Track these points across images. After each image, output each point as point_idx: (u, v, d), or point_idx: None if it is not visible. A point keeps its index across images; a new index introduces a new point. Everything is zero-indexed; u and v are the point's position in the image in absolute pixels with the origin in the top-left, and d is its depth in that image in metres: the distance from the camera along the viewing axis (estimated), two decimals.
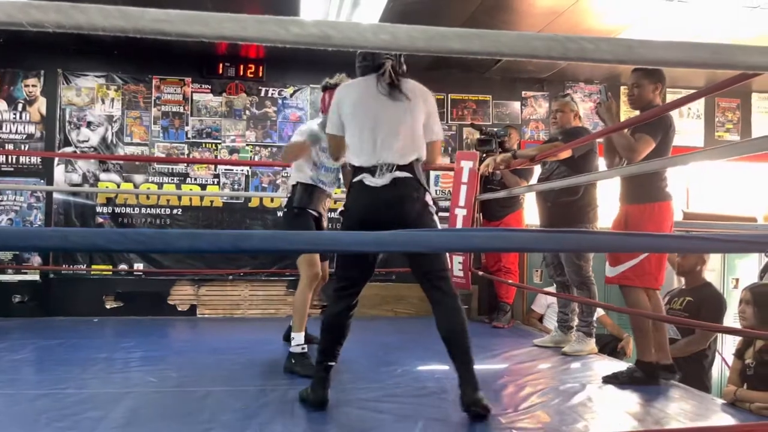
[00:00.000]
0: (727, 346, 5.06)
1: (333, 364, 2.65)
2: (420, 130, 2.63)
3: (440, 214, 2.76)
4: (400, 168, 2.54)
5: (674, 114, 5.35)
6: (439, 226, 2.67)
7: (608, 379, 3.05)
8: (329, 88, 3.32)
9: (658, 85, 3.05)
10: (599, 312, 4.82)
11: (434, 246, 0.94)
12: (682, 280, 4.12)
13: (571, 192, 3.75)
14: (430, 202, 2.63)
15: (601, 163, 3.88)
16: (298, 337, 3.20)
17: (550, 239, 0.94)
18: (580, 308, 3.86)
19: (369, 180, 2.56)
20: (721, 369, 5.48)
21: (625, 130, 2.98)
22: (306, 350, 3.20)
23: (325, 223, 3.64)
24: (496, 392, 2.90)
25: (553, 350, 3.87)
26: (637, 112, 3.20)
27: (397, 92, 2.65)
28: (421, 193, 2.57)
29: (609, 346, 4.78)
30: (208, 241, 0.84)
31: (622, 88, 6.18)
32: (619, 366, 3.31)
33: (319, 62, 5.76)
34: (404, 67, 2.84)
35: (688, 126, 6.38)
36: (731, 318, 4.63)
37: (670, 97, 5.65)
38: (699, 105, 6.49)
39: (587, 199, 3.79)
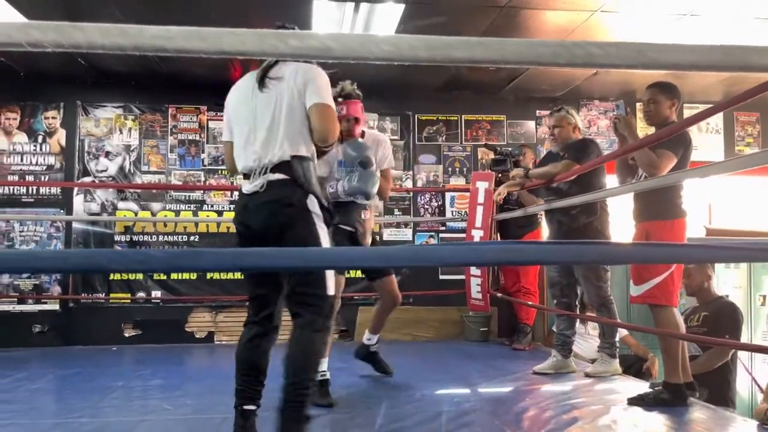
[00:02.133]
0: (756, 362, 4.91)
1: (251, 408, 2.24)
2: (297, 120, 2.20)
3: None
4: (274, 168, 2.17)
5: (693, 129, 5.29)
6: (324, 238, 2.20)
7: (634, 401, 2.96)
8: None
9: (675, 101, 3.02)
10: (622, 332, 4.72)
11: (443, 260, 0.91)
12: (694, 299, 4.06)
13: (589, 212, 3.67)
14: (316, 209, 2.19)
15: (610, 181, 3.82)
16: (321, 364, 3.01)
17: (565, 251, 0.90)
18: (601, 329, 3.77)
19: (244, 186, 2.25)
20: (751, 389, 5.32)
21: (660, 150, 2.94)
22: (327, 378, 3.04)
23: (368, 238, 3.34)
24: (518, 415, 2.82)
25: (576, 373, 3.76)
26: (653, 129, 3.16)
27: (266, 80, 2.23)
28: (298, 196, 2.16)
29: (634, 367, 4.66)
30: (208, 260, 0.82)
31: (638, 104, 6.12)
32: (645, 387, 3.21)
33: (332, 87, 5.82)
34: None
35: (707, 141, 6.30)
36: (759, 335, 4.50)
37: (688, 113, 5.59)
38: (718, 120, 6.40)
39: (604, 217, 3.72)
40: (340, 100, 3.13)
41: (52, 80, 5.51)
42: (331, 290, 2.22)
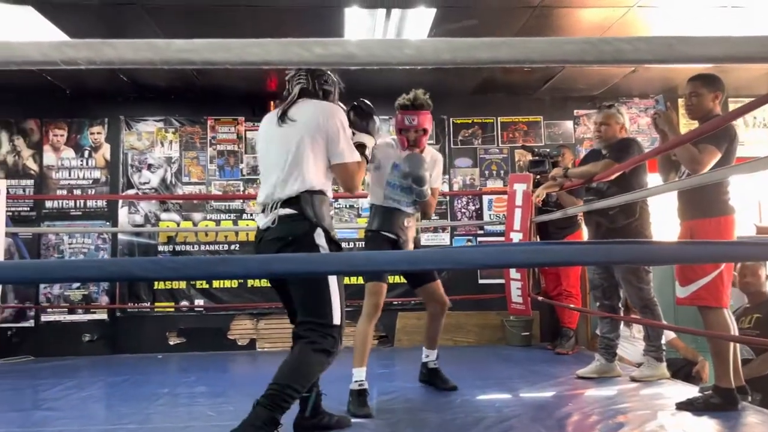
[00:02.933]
0: None
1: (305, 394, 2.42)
2: (311, 156, 2.30)
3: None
4: (285, 203, 2.28)
5: (740, 124, 5.13)
6: (334, 288, 2.29)
7: (683, 406, 2.87)
8: (401, 108, 3.23)
9: (718, 93, 2.92)
10: (669, 335, 4.59)
11: (474, 262, 0.90)
12: (744, 298, 3.90)
13: (628, 213, 3.57)
14: (323, 242, 2.27)
15: (652, 179, 3.71)
16: (356, 373, 3.01)
17: (596, 251, 0.88)
18: (646, 332, 3.67)
19: (259, 221, 2.37)
20: None
21: (702, 145, 2.85)
22: (365, 387, 3.00)
23: (410, 245, 3.27)
24: (560, 421, 2.77)
25: (622, 377, 3.67)
26: (696, 123, 3.07)
27: (285, 118, 2.35)
28: (304, 230, 2.26)
29: (683, 371, 4.53)
30: (238, 266, 0.84)
31: (679, 101, 5.96)
32: (694, 391, 3.11)
33: (366, 92, 5.84)
34: (322, 86, 2.47)
35: (754, 136, 6.09)
36: None
37: (733, 107, 5.42)
38: (765, 113, 6.18)
39: (644, 218, 3.61)
40: (411, 108, 3.19)
41: (97, 97, 5.70)
42: (336, 320, 2.30)
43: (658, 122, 3.02)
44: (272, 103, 5.79)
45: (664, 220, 3.75)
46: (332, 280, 2.30)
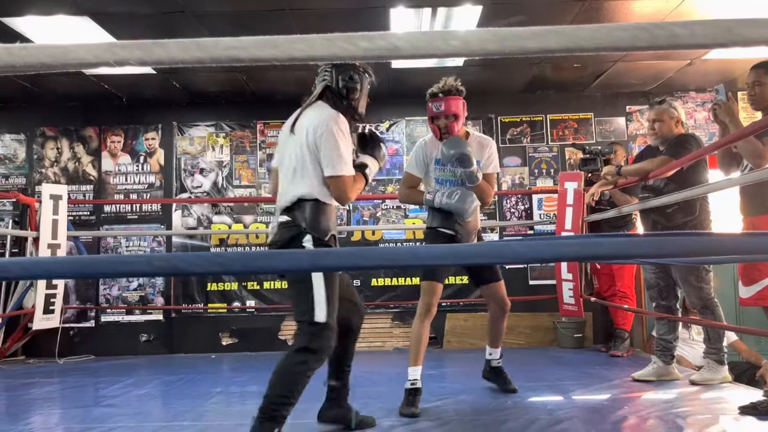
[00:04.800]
0: None
1: (332, 383, 2.72)
2: (310, 167, 2.35)
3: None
4: (284, 211, 2.40)
5: None
6: (318, 286, 2.31)
7: (746, 410, 2.74)
8: (430, 97, 3.22)
9: None
10: (731, 337, 4.40)
11: (518, 256, 0.87)
12: None
13: (687, 211, 3.44)
14: (310, 247, 2.33)
15: (713, 175, 3.55)
16: (411, 372, 3.04)
17: (654, 243, 0.84)
18: (706, 333, 3.53)
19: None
20: None
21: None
22: (417, 387, 3.01)
23: (471, 239, 3.26)
24: (615, 424, 2.69)
25: (681, 380, 3.54)
26: (759, 115, 2.93)
27: (295, 126, 2.43)
28: (292, 236, 2.35)
29: (746, 375, 4.34)
30: (286, 260, 0.84)
31: (739, 93, 5.72)
32: (759, 395, 2.97)
33: (413, 95, 5.84)
34: (346, 83, 2.52)
35: None
36: None
37: None
38: None
39: (703, 216, 3.47)
40: (440, 95, 3.13)
41: (151, 104, 5.89)
42: (320, 317, 2.31)
43: (718, 113, 2.87)
44: None
45: (725, 217, 3.60)
46: (316, 278, 2.32)
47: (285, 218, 2.38)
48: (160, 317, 5.76)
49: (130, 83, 5.39)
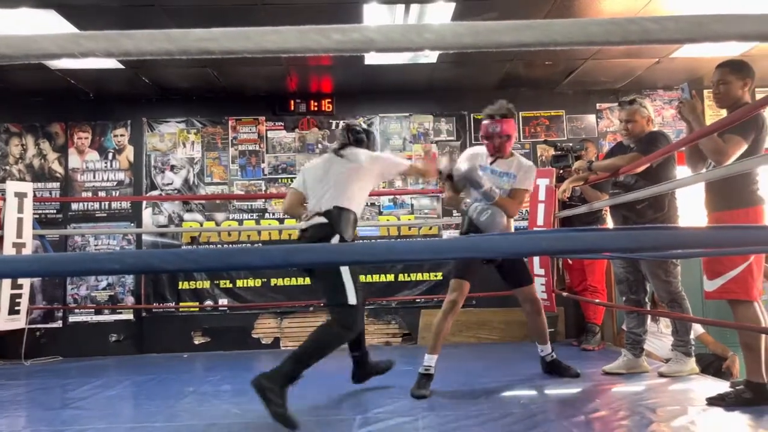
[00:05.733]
0: None
1: (355, 354, 3.28)
2: (355, 186, 3.06)
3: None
4: (321, 214, 2.99)
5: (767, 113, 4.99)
6: (346, 276, 2.88)
7: (713, 401, 2.80)
8: (486, 117, 3.46)
9: (747, 80, 2.83)
10: (698, 330, 4.50)
11: (497, 250, 0.87)
12: None
13: (656, 207, 3.50)
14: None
15: (681, 172, 3.62)
16: (427, 359, 3.35)
17: (626, 237, 0.85)
18: (674, 326, 3.60)
19: (301, 225, 3.13)
20: None
21: (728, 135, 2.77)
22: (430, 373, 3.30)
23: None
24: (588, 417, 2.72)
25: (650, 373, 3.61)
26: (724, 113, 2.99)
27: (339, 154, 3.17)
28: (325, 234, 2.92)
29: (713, 366, 4.44)
30: (260, 256, 0.82)
31: (705, 91, 5.84)
32: (725, 387, 3.04)
33: (387, 92, 5.84)
34: (354, 136, 3.27)
35: None
36: None
37: (760, 97, 5.28)
38: None
39: (672, 212, 3.53)
40: (497, 117, 3.39)
41: (119, 99, 5.78)
42: (352, 300, 2.89)
43: (682, 111, 2.93)
44: (292, 102, 5.82)
45: (691, 213, 3.66)
46: (344, 271, 2.90)
47: (321, 219, 2.98)
48: (131, 317, 5.67)
49: (98, 78, 5.28)
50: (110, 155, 5.83)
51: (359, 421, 2.73)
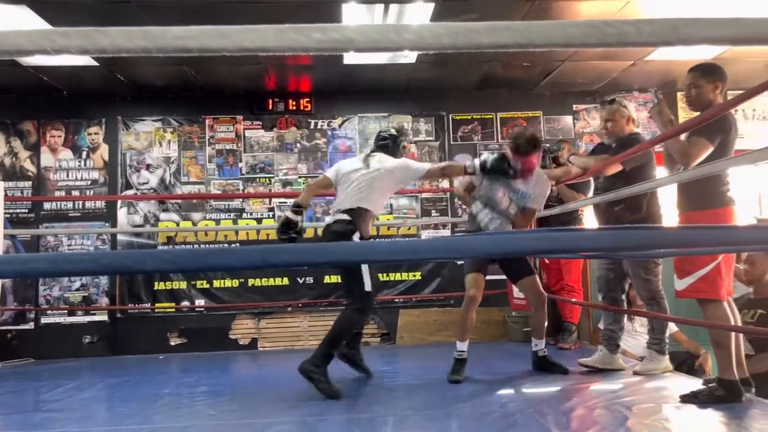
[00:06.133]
0: None
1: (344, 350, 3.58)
2: (377, 190, 3.41)
3: None
4: (345, 211, 3.36)
5: (738, 116, 5.11)
6: (365, 267, 3.29)
7: (687, 399, 2.84)
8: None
9: (718, 83, 2.87)
10: (672, 328, 4.56)
11: (476, 250, 0.88)
12: (749, 288, 3.83)
13: (633, 209, 3.54)
14: (357, 240, 3.30)
15: (660, 173, 3.67)
16: (458, 345, 3.61)
17: (606, 237, 0.86)
18: (650, 325, 3.65)
19: (327, 219, 3.60)
20: None
21: (683, 135, 2.81)
22: (464, 358, 3.55)
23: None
24: (565, 415, 2.75)
25: (625, 371, 3.65)
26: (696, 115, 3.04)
27: (368, 161, 3.50)
28: (348, 229, 3.30)
29: (686, 364, 4.50)
30: (238, 257, 0.82)
31: (678, 94, 5.95)
32: (698, 384, 3.09)
33: (365, 91, 5.84)
34: (378, 142, 3.64)
35: (754, 128, 6.07)
36: None
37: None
38: (765, 106, 6.16)
39: (651, 211, 3.57)
40: (524, 153, 3.41)
41: (94, 97, 5.69)
42: (368, 288, 3.30)
43: (652, 115, 2.99)
44: (271, 101, 5.79)
45: (670, 214, 3.71)
46: (364, 267, 3.35)
47: (345, 216, 3.35)
48: (105, 318, 5.58)
49: (71, 75, 5.19)
50: (84, 154, 5.74)
51: (342, 421, 2.73)
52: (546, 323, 3.76)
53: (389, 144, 3.56)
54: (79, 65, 4.86)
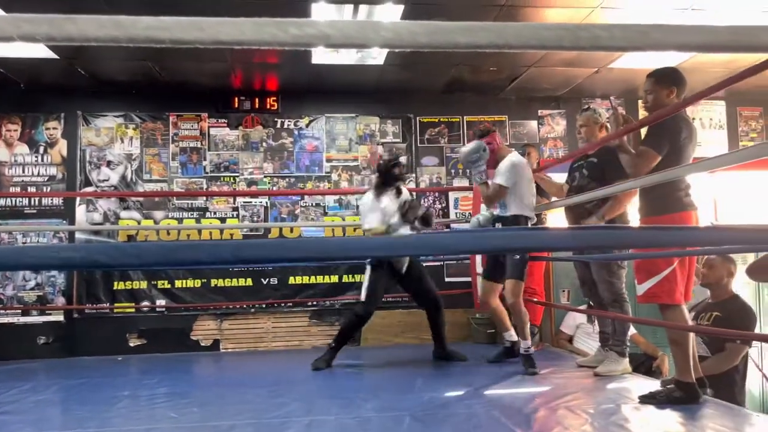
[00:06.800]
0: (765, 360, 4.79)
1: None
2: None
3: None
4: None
5: (696, 125, 5.25)
6: (366, 276, 3.93)
7: (645, 399, 2.90)
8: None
9: (672, 89, 2.91)
10: (631, 330, 4.66)
11: (447, 248, 0.88)
12: (707, 292, 3.94)
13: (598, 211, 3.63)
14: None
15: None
16: (523, 344, 3.85)
17: (574, 236, 0.88)
18: (613, 327, 3.72)
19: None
20: (762, 386, 5.26)
21: (641, 148, 2.89)
22: (530, 354, 3.78)
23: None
24: (528, 416, 2.79)
25: (585, 372, 3.73)
26: None
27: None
28: None
29: (644, 366, 4.61)
30: (208, 252, 0.80)
31: (640, 101, 6.09)
32: (656, 385, 3.17)
33: (333, 91, 5.82)
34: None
35: (711, 136, 6.26)
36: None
37: (691, 108, 5.55)
38: (721, 115, 6.37)
39: (621, 221, 3.67)
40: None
41: (53, 91, 5.52)
42: (362, 297, 3.98)
43: (610, 122, 3.08)
44: (236, 99, 5.72)
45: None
46: (366, 272, 3.94)
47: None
48: (61, 318, 5.42)
49: (30, 67, 5.03)
50: (41, 149, 5.57)
51: (305, 423, 2.70)
52: (521, 323, 3.87)
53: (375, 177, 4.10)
54: (38, 57, 4.71)
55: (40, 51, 4.53)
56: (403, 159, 4.56)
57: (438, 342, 4.30)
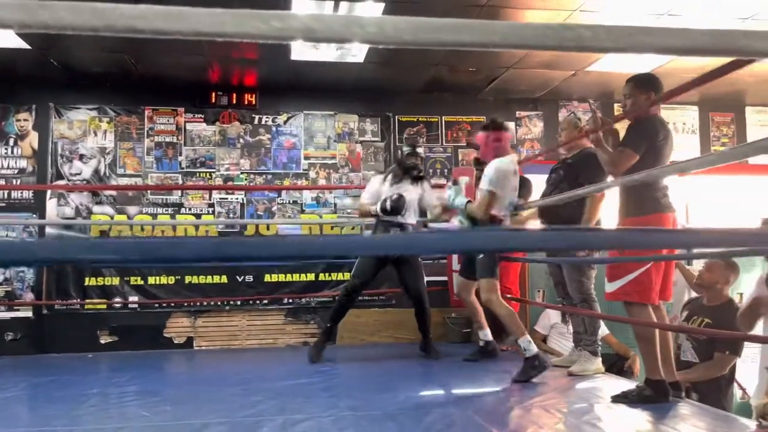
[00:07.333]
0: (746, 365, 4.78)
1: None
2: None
3: None
4: None
5: (670, 128, 5.32)
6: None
7: (617, 399, 2.94)
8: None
9: (650, 94, 2.95)
10: (604, 331, 4.72)
11: (434, 248, 0.87)
12: (694, 293, 3.98)
13: (574, 213, 3.66)
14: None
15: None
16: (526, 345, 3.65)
17: (552, 237, 0.88)
18: (584, 326, 3.77)
19: None
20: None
21: (619, 147, 2.93)
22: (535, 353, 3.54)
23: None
24: (502, 414, 2.81)
25: (559, 371, 3.76)
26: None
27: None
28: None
29: (616, 366, 4.67)
30: (189, 249, 0.78)
31: (615, 105, 6.17)
32: (628, 385, 3.21)
33: (312, 88, 5.79)
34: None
35: (683, 141, 6.36)
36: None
37: (665, 113, 5.63)
38: (694, 120, 6.48)
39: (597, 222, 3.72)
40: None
41: (24, 82, 5.40)
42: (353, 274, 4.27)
43: (589, 125, 3.12)
44: (214, 94, 5.65)
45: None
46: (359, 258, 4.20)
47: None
48: (29, 314, 5.31)
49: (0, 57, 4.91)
50: (11, 141, 5.44)
51: (279, 422, 2.68)
52: (508, 323, 3.76)
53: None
54: (8, 48, 4.60)
55: (11, 41, 4.41)
56: (420, 150, 4.59)
57: (423, 336, 4.55)
